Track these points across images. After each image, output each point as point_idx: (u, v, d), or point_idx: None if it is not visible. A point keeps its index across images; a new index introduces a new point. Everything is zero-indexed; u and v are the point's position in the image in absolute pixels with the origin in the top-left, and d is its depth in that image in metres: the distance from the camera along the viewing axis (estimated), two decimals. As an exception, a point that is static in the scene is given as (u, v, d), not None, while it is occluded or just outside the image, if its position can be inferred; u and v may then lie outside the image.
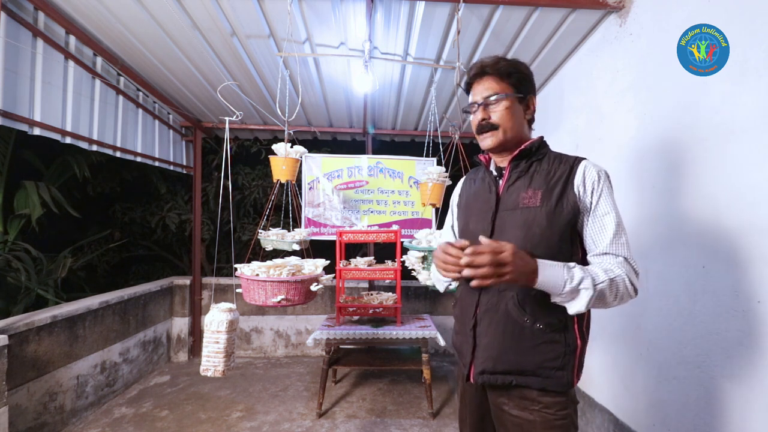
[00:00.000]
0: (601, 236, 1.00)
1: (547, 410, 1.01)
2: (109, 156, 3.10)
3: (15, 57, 2.13)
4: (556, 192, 1.02)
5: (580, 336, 1.04)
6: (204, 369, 1.64)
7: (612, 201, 1.03)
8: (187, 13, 2.26)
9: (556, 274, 0.92)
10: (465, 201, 1.26)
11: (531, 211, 1.03)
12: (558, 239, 1.01)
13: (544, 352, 1.01)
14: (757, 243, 1.35)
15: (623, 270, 0.97)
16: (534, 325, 1.01)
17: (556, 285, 0.92)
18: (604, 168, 1.06)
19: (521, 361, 1.02)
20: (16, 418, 2.16)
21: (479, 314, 1.09)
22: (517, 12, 2.21)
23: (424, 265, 2.19)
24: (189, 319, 3.91)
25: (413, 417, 2.74)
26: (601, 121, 2.28)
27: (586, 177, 1.03)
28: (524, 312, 1.01)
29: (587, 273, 0.94)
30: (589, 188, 1.02)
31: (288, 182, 2.21)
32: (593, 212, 1.02)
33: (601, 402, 2.28)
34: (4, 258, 3.47)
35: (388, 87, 3.16)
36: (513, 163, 1.10)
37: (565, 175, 1.04)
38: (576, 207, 1.02)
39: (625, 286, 0.96)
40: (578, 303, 0.93)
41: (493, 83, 1.10)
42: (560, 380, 1.01)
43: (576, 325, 1.04)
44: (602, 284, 0.94)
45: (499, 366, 1.04)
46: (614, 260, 0.99)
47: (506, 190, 1.10)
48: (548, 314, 1.00)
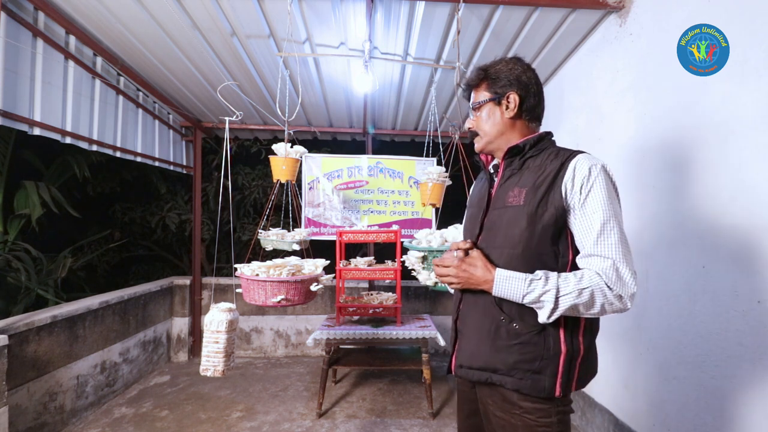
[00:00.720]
0: (587, 235, 0.94)
1: (528, 416, 0.98)
2: (109, 156, 3.10)
3: (15, 57, 2.13)
4: (540, 191, 0.98)
5: (566, 342, 0.97)
6: (204, 369, 1.64)
7: (604, 197, 0.94)
8: (187, 13, 2.26)
9: (514, 286, 0.94)
10: (469, 201, 1.29)
11: (514, 210, 1.00)
12: (537, 240, 0.97)
13: (520, 352, 0.98)
14: (757, 243, 1.35)
15: (603, 277, 0.90)
16: (510, 324, 0.99)
17: (514, 296, 0.95)
18: (601, 162, 0.98)
19: (494, 359, 1.01)
20: (16, 418, 2.16)
21: (462, 308, 1.12)
22: (517, 12, 2.21)
23: (424, 265, 2.19)
24: (189, 319, 3.91)
25: (413, 417, 2.74)
26: (601, 121, 2.28)
27: (576, 172, 0.96)
28: (501, 311, 1.01)
29: (552, 285, 0.91)
30: (578, 184, 0.95)
31: (288, 182, 2.20)
32: (582, 210, 0.95)
33: (601, 402, 2.28)
34: (4, 258, 3.47)
35: (388, 87, 3.16)
36: (506, 161, 1.10)
37: (555, 172, 0.98)
38: (561, 206, 0.96)
39: (603, 296, 0.90)
40: (542, 314, 0.93)
41: (475, 94, 1.16)
42: (537, 384, 0.96)
43: (562, 331, 0.97)
44: (568, 296, 0.90)
45: (474, 362, 1.05)
46: (600, 263, 0.91)
47: (498, 189, 1.09)
48: (526, 315, 0.98)
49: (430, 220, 3.60)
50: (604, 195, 0.94)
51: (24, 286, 3.46)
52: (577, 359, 0.99)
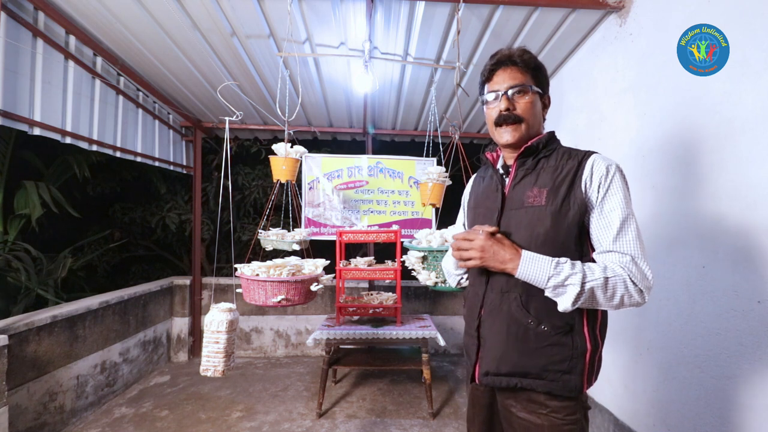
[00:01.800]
0: (606, 233, 0.95)
1: (555, 414, 0.98)
2: (109, 156, 3.09)
3: (15, 57, 2.13)
4: (562, 190, 0.98)
5: (590, 339, 0.99)
6: (204, 369, 1.64)
7: (621, 196, 0.96)
8: (187, 13, 2.26)
9: (540, 267, 0.93)
10: (474, 200, 1.23)
11: (536, 210, 0.99)
12: (564, 239, 0.98)
13: (549, 354, 0.97)
14: (757, 243, 1.35)
15: (626, 271, 0.92)
16: (538, 327, 0.98)
17: (538, 278, 0.93)
18: (615, 161, 1.01)
19: (525, 364, 0.99)
20: (16, 418, 2.16)
21: (483, 314, 1.07)
22: (517, 12, 2.21)
23: (424, 265, 2.19)
24: (189, 319, 3.91)
25: (413, 417, 2.74)
26: (601, 120, 2.28)
27: (594, 171, 0.98)
28: (528, 313, 0.99)
29: (578, 270, 0.91)
30: (596, 183, 0.97)
31: (288, 182, 2.20)
32: (600, 208, 0.97)
33: (602, 402, 2.28)
34: (4, 258, 3.47)
35: (388, 87, 3.16)
36: (519, 161, 1.07)
37: (573, 171, 0.99)
38: (583, 204, 0.97)
39: (625, 288, 0.91)
40: (564, 299, 0.92)
41: (519, 74, 1.05)
42: (567, 384, 0.97)
43: (586, 327, 0.98)
44: (593, 282, 0.90)
45: (502, 368, 1.02)
46: (619, 259, 0.93)
47: (512, 189, 1.06)
48: (553, 316, 0.97)
49: (430, 220, 3.60)
50: (621, 194, 0.97)
51: (24, 286, 3.46)
52: (596, 354, 1.01)
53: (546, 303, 0.97)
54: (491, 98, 1.08)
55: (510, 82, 1.05)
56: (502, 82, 1.06)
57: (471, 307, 1.13)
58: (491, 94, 1.08)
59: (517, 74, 1.05)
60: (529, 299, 1.00)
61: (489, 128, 1.12)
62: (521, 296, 1.00)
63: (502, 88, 1.06)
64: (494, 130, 1.09)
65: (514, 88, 1.04)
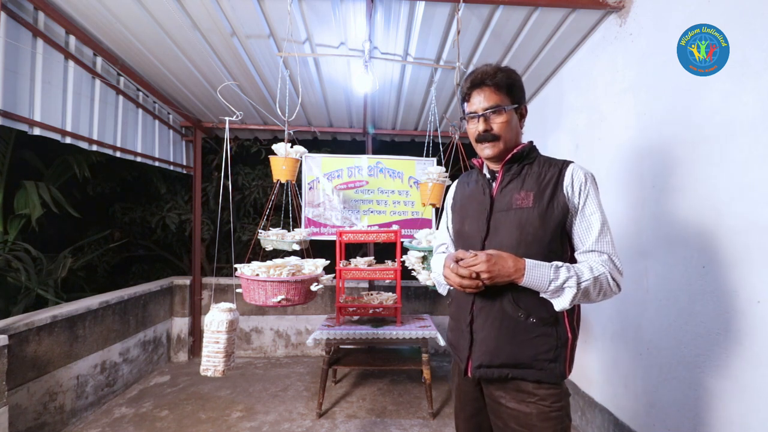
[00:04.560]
0: (588, 234, 1.07)
1: (543, 402, 1.06)
2: (109, 156, 3.10)
3: (15, 57, 2.13)
4: (547, 193, 1.08)
5: (570, 330, 1.08)
6: (204, 369, 1.64)
7: (598, 201, 1.09)
8: (187, 13, 2.26)
9: (542, 273, 1.01)
10: (459, 203, 1.31)
11: (524, 211, 1.09)
12: (550, 238, 1.07)
13: (538, 345, 1.06)
14: (757, 243, 1.35)
15: (607, 268, 1.04)
16: (527, 320, 1.06)
17: (541, 284, 1.02)
18: (590, 171, 1.13)
19: (517, 354, 1.07)
20: (16, 418, 2.16)
21: (475, 311, 1.14)
22: (517, 12, 2.21)
23: (424, 265, 2.19)
24: (189, 319, 3.91)
25: (413, 417, 2.74)
26: (601, 121, 2.28)
27: (574, 179, 1.09)
28: (518, 307, 1.07)
29: (573, 272, 1.01)
30: (577, 189, 1.08)
31: (288, 182, 2.21)
32: (581, 212, 1.08)
33: (601, 402, 2.28)
34: (4, 258, 3.47)
35: (388, 87, 3.16)
36: (506, 167, 1.16)
37: (555, 177, 1.10)
38: (566, 207, 1.08)
39: (608, 283, 1.04)
40: (563, 300, 1.02)
41: (492, 94, 1.13)
42: (554, 372, 1.06)
43: (567, 319, 1.08)
44: (586, 282, 1.01)
45: (495, 360, 1.09)
46: (599, 257, 1.06)
47: (500, 192, 1.15)
48: (541, 309, 1.06)
49: (430, 220, 3.61)
50: (597, 199, 1.10)
51: (24, 286, 3.46)
52: (575, 344, 1.12)
53: (533, 298, 1.06)
54: (471, 118, 1.18)
55: (486, 104, 1.13)
56: (478, 104, 1.14)
57: (462, 305, 1.19)
58: (471, 114, 1.17)
59: (491, 95, 1.13)
60: (518, 295, 1.08)
61: (471, 142, 1.21)
62: (512, 293, 1.08)
63: (479, 109, 1.14)
64: (476, 145, 1.20)
65: (489, 110, 1.13)
